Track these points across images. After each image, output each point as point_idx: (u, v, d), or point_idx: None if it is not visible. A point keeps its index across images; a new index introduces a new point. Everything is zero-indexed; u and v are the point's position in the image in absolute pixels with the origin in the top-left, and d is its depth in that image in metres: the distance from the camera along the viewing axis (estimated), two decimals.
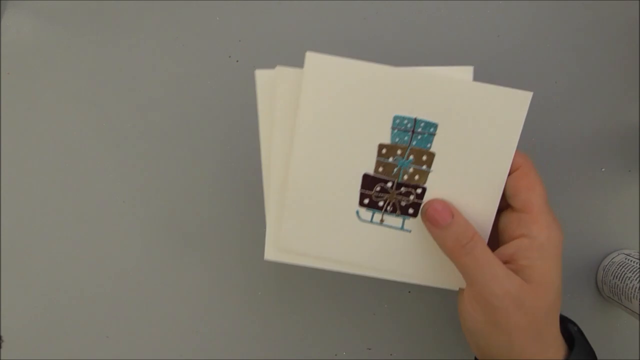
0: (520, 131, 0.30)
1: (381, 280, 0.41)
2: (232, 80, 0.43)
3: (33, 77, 0.44)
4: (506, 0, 0.44)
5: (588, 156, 0.42)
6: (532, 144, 0.41)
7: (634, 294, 0.36)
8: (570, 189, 0.41)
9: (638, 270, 0.37)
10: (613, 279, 0.38)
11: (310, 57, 0.30)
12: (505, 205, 0.31)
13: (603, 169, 0.41)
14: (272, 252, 0.34)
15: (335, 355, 0.41)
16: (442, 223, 0.30)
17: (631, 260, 0.38)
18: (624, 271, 0.37)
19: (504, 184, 0.30)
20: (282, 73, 0.31)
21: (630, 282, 0.37)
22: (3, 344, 0.42)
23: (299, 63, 0.31)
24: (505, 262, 0.29)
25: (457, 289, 0.33)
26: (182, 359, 0.42)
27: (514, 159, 0.30)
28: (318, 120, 0.31)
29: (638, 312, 0.36)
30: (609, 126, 0.42)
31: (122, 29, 0.45)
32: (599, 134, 0.42)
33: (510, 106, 0.30)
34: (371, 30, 0.44)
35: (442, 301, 0.41)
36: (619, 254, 0.39)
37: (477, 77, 0.43)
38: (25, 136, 0.44)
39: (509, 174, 0.30)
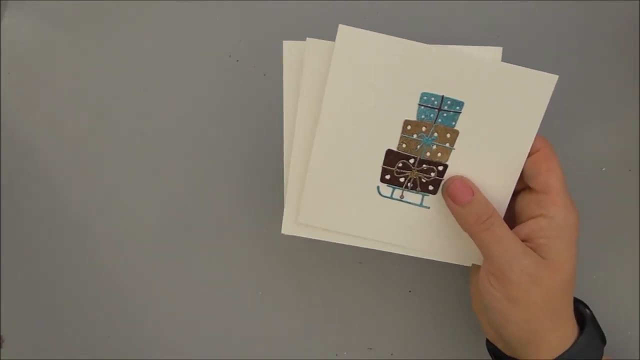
0: (542, 114, 0.30)
1: (382, 279, 0.41)
2: (232, 80, 0.43)
3: (33, 77, 0.44)
4: (506, 0, 0.44)
5: (588, 156, 0.42)
6: None
7: None
8: (570, 189, 0.41)
9: None
10: None
11: (343, 29, 0.30)
12: (522, 187, 0.32)
13: (603, 169, 0.41)
14: (290, 227, 0.34)
15: (336, 355, 0.41)
16: (463, 200, 0.31)
17: None
18: None
19: (522, 165, 0.31)
20: (312, 45, 0.30)
21: None
22: (3, 344, 0.42)
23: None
24: (522, 241, 0.30)
25: (470, 264, 0.33)
26: (182, 359, 0.42)
27: (534, 142, 0.31)
28: (346, 94, 0.31)
29: None
30: (609, 126, 0.42)
31: (122, 29, 0.45)
32: (599, 134, 0.42)
33: (535, 88, 0.30)
34: (371, 30, 0.44)
35: (442, 301, 0.41)
36: None
37: None
38: (25, 136, 0.44)
39: (529, 156, 0.31)
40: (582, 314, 0.32)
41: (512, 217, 0.33)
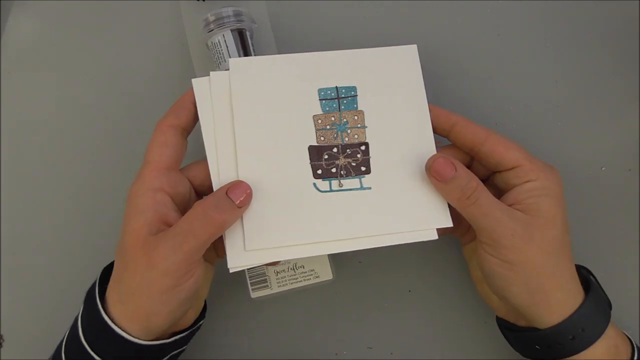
0: (421, 77, 0.35)
1: (382, 279, 0.41)
2: None
3: (33, 77, 0.44)
4: (506, 0, 0.44)
5: (588, 156, 0.42)
6: (532, 143, 0.41)
7: None
8: (570, 189, 0.41)
9: None
10: None
11: (233, 61, 0.34)
12: (491, 175, 0.34)
13: (603, 169, 0.41)
14: (237, 258, 0.32)
15: (336, 354, 0.40)
16: (446, 176, 0.31)
17: None
18: None
19: (430, 123, 0.34)
20: (215, 77, 0.34)
21: None
22: (3, 344, 0.42)
23: None
24: (511, 205, 0.31)
25: (431, 239, 0.33)
26: (181, 359, 0.42)
27: (479, 133, 0.33)
28: (254, 114, 0.33)
29: None
30: (609, 126, 0.42)
31: (122, 29, 0.45)
32: (599, 134, 0.42)
33: (405, 60, 0.35)
34: (371, 29, 0.44)
35: (442, 301, 0.41)
36: None
37: (478, 76, 0.43)
38: (25, 136, 0.44)
39: (482, 149, 0.33)
40: (587, 279, 0.33)
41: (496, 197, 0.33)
